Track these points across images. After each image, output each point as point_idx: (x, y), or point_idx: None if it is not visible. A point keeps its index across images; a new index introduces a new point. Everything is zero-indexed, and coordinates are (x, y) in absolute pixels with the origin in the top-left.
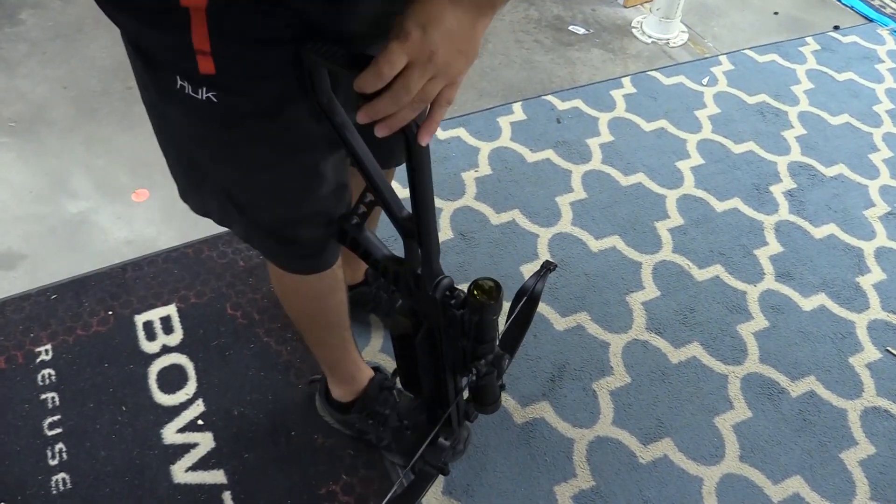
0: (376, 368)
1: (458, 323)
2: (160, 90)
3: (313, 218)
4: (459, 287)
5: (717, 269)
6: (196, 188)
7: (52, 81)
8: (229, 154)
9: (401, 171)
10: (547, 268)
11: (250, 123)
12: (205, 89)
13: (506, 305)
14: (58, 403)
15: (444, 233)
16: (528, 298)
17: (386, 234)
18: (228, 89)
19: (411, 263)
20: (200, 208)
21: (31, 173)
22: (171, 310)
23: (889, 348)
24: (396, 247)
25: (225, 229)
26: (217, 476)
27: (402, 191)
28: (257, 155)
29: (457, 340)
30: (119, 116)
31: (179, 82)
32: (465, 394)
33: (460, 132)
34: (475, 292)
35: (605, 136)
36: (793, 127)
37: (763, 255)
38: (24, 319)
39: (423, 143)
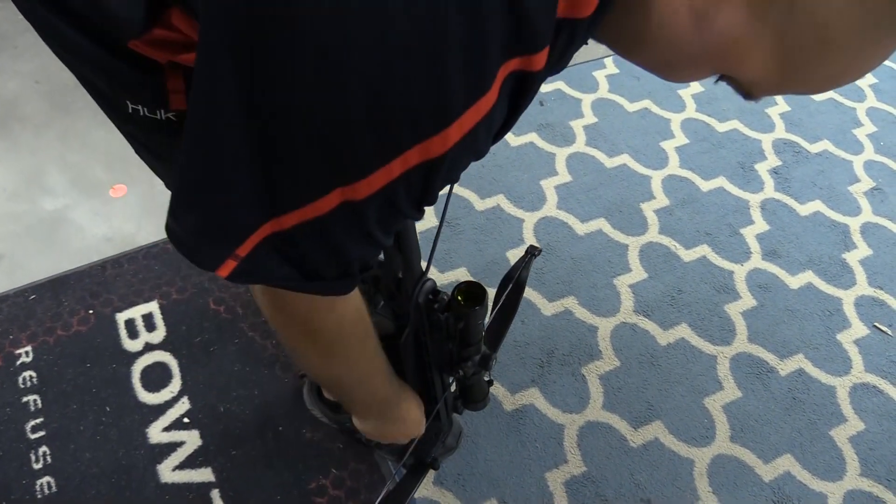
0: None
1: (441, 327)
2: (110, 108)
3: None
4: (442, 290)
5: (703, 249)
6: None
7: (24, 76)
8: None
9: None
10: (531, 253)
11: None
12: (163, 111)
13: (491, 292)
14: (40, 406)
15: (429, 220)
16: (513, 285)
17: None
18: None
19: (391, 267)
20: None
21: (5, 171)
22: (152, 307)
23: (876, 324)
24: None
25: None
26: (205, 474)
27: None
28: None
29: (442, 344)
30: (94, 110)
31: (132, 106)
32: (453, 387)
33: None
34: (459, 297)
35: (589, 117)
36: (776, 104)
37: (749, 233)
38: (2, 321)
39: None
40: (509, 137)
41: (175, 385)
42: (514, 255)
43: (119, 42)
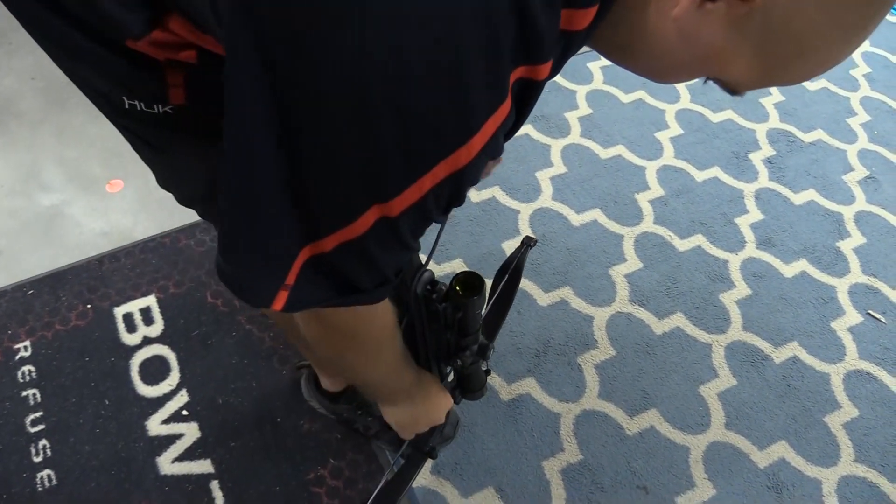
0: None
1: (440, 317)
2: (105, 104)
3: None
4: (440, 281)
5: (698, 239)
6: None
7: (20, 72)
8: (195, 151)
9: None
10: (527, 244)
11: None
12: (161, 105)
13: (487, 283)
14: (39, 400)
15: None
16: (509, 276)
17: None
18: (195, 102)
19: None
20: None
21: (2, 167)
22: (150, 300)
23: (870, 311)
24: None
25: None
26: (204, 466)
27: None
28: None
29: (441, 334)
30: (90, 106)
31: (128, 102)
32: (451, 377)
33: None
34: (457, 287)
35: (584, 109)
36: (770, 94)
37: (744, 223)
38: (0, 317)
39: None
40: None
41: (173, 378)
42: (510, 246)
43: (116, 42)
